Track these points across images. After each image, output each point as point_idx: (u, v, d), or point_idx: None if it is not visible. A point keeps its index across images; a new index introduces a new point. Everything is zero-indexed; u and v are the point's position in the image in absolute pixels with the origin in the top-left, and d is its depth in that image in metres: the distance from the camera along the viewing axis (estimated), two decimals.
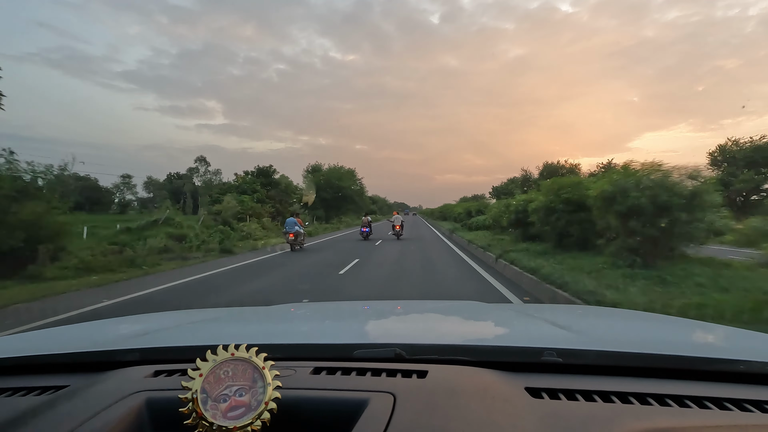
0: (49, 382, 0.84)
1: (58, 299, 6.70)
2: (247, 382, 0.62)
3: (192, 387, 0.60)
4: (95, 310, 5.88)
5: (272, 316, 1.59)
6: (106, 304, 6.21)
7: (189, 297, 6.80)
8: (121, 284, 8.13)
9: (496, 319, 1.52)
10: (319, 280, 8.05)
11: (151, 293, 7.15)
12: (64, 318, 5.46)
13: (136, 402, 0.69)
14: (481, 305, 1.90)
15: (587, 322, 1.46)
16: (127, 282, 8.37)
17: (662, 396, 0.71)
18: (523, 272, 7.36)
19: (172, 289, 7.48)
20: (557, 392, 0.72)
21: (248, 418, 0.59)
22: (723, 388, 0.75)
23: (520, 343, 1.00)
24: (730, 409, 0.68)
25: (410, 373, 0.77)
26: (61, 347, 1.03)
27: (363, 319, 1.51)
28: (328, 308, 1.87)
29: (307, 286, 7.29)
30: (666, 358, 0.84)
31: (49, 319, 5.41)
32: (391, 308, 1.80)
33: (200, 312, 1.72)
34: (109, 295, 6.86)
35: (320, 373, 0.79)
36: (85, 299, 6.55)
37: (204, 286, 7.71)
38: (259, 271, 9.47)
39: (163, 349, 0.98)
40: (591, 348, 0.89)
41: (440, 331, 1.36)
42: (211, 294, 6.95)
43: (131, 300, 6.60)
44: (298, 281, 7.98)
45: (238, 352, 0.64)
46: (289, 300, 5.74)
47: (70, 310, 5.78)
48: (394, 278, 8.19)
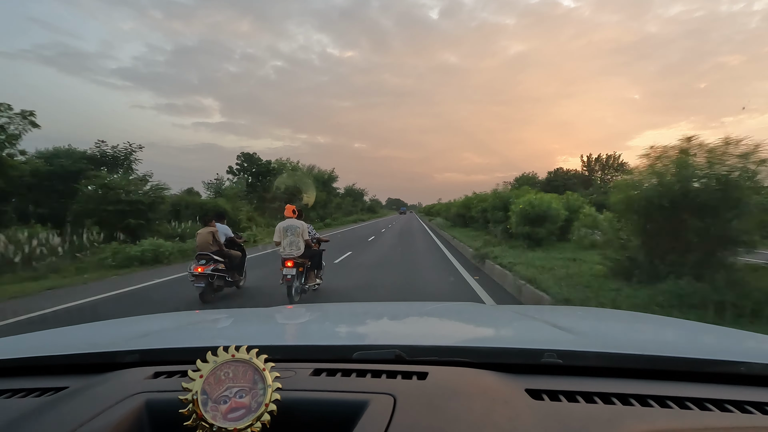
0: (49, 384, 0.84)
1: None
2: (247, 384, 0.62)
3: (192, 388, 0.60)
4: None
5: (272, 317, 1.59)
6: None
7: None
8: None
9: (496, 320, 1.52)
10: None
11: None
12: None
13: (136, 403, 0.69)
14: (481, 306, 1.90)
15: (588, 323, 1.46)
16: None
17: (663, 397, 0.71)
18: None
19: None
20: (558, 394, 0.72)
21: (248, 420, 0.59)
22: (724, 389, 0.75)
23: (520, 344, 1.00)
24: (731, 410, 0.68)
25: (410, 375, 0.77)
26: (60, 348, 1.03)
27: (363, 321, 1.51)
28: (328, 310, 1.87)
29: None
30: (667, 359, 0.83)
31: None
32: (391, 310, 1.80)
33: (200, 313, 1.72)
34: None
35: (320, 374, 0.79)
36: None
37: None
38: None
39: (163, 351, 0.98)
40: (591, 349, 0.89)
41: (440, 332, 1.36)
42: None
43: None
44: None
45: (239, 354, 0.64)
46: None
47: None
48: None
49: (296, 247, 6.12)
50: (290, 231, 6.18)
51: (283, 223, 6.27)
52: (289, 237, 6.17)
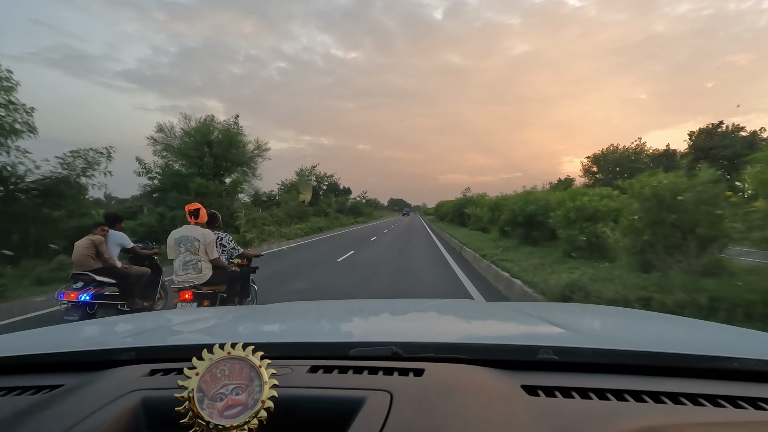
0: (44, 382, 0.83)
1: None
2: (243, 381, 0.62)
3: (188, 386, 0.60)
4: None
5: (269, 314, 1.59)
6: None
7: None
8: None
9: (492, 317, 1.53)
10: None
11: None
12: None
13: (132, 401, 0.68)
14: (478, 303, 1.91)
15: (583, 320, 1.47)
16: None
17: (657, 393, 0.71)
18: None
19: None
20: (553, 390, 0.73)
21: (245, 417, 0.59)
22: (717, 385, 0.76)
23: (516, 341, 1.00)
24: (724, 406, 0.69)
25: (407, 372, 0.78)
26: (56, 346, 1.03)
27: (360, 318, 1.51)
28: (324, 307, 1.87)
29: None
30: (661, 355, 0.84)
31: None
32: (387, 307, 1.80)
33: (197, 311, 1.72)
34: None
35: (317, 371, 0.79)
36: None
37: None
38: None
39: (159, 348, 0.98)
40: (587, 346, 0.90)
41: (437, 329, 1.37)
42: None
43: None
44: None
45: (235, 351, 0.64)
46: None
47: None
48: None
49: (194, 270, 3.97)
50: (185, 245, 3.98)
51: (176, 233, 4.06)
52: (182, 255, 3.98)
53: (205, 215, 4.24)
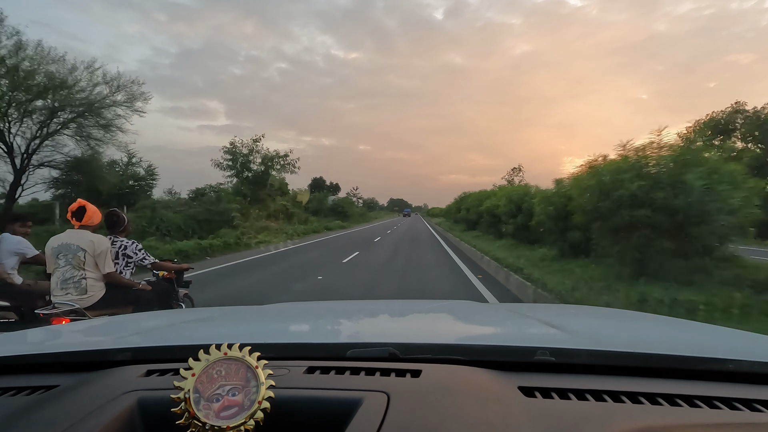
0: (39, 382, 0.83)
1: None
2: (240, 382, 0.62)
3: (184, 387, 0.60)
4: None
5: (266, 315, 1.59)
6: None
7: None
8: None
9: (489, 318, 1.53)
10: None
11: None
12: None
13: (127, 402, 0.68)
14: (475, 304, 1.91)
15: (580, 321, 1.47)
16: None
17: (654, 395, 0.72)
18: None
19: None
20: (550, 391, 0.73)
21: (241, 418, 0.58)
22: (713, 387, 0.76)
23: (513, 342, 1.00)
24: (719, 407, 0.69)
25: (404, 373, 0.78)
26: (51, 347, 1.02)
27: (357, 319, 1.51)
28: (321, 307, 1.86)
29: None
30: (657, 357, 0.84)
31: None
32: (385, 307, 1.80)
33: (193, 311, 1.71)
34: None
35: (314, 372, 0.79)
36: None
37: None
38: None
39: (155, 349, 0.97)
40: (583, 347, 0.90)
41: (434, 330, 1.37)
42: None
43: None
44: None
45: (231, 352, 0.63)
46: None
47: None
48: None
49: (76, 289, 2.95)
50: (65, 255, 2.97)
51: (55, 240, 3.03)
52: (60, 269, 2.97)
53: (95, 216, 3.13)
